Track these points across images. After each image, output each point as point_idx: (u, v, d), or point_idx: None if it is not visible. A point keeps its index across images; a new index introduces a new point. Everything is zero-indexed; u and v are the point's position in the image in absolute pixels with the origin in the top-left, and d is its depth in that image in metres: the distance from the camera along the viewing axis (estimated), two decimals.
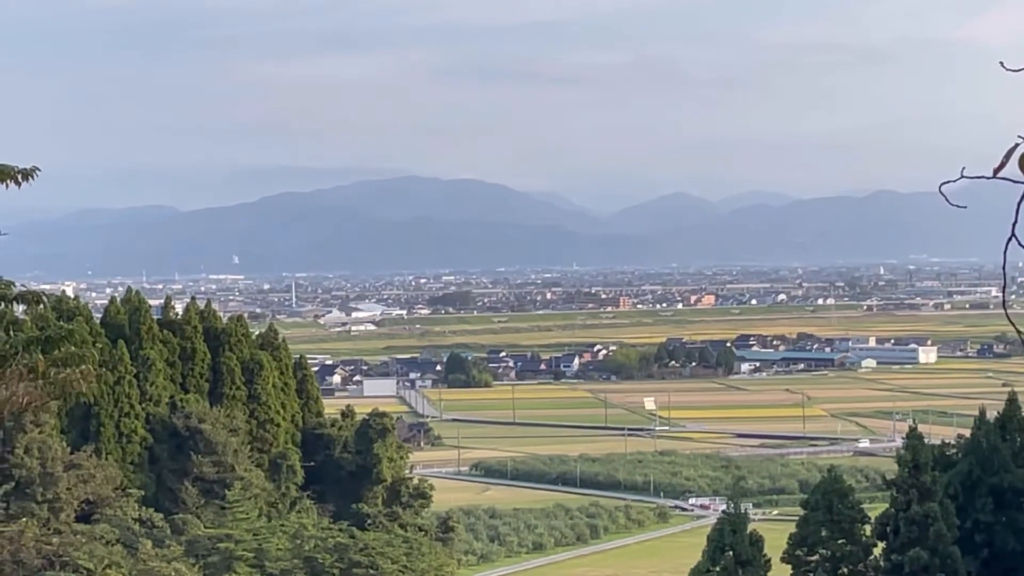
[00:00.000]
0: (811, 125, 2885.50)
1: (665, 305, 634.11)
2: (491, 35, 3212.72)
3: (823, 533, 61.45)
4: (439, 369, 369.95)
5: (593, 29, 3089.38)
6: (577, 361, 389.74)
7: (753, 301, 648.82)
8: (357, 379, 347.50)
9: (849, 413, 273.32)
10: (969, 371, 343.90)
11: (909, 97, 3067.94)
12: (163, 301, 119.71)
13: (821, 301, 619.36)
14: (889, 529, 60.54)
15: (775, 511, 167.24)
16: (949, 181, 7.82)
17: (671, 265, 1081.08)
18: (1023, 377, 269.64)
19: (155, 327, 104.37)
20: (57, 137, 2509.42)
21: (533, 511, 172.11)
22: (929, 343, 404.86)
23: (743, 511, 61.80)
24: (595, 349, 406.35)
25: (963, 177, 7.62)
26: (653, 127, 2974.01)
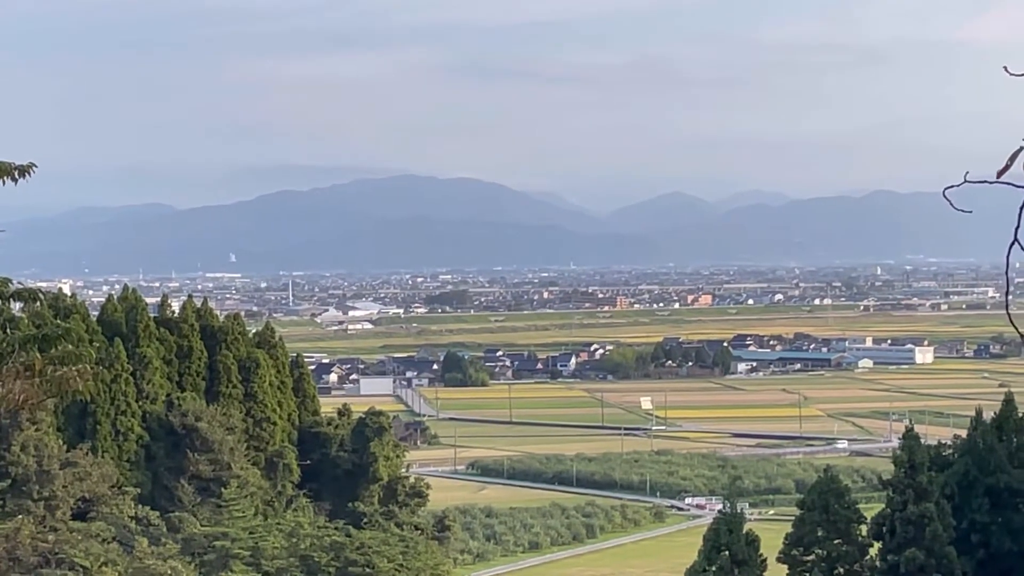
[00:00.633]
0: (810, 125, 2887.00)
1: (662, 305, 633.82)
2: (490, 35, 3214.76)
3: (819, 533, 61.47)
4: (436, 368, 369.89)
5: (592, 29, 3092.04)
6: (574, 360, 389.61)
7: (750, 301, 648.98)
8: (354, 378, 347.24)
9: (845, 413, 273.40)
10: (966, 372, 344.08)
11: (908, 97, 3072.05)
12: (160, 299, 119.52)
13: (818, 301, 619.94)
14: (885, 529, 60.58)
15: (771, 511, 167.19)
16: (954, 185, 7.79)
17: (668, 265, 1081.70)
18: (1020, 378, 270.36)
19: (152, 325, 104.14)
20: (55, 134, 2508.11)
21: (529, 510, 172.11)
22: (926, 343, 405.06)
23: (739, 511, 61.90)
24: (592, 348, 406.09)
25: (967, 181, 7.59)
26: (651, 127, 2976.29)
